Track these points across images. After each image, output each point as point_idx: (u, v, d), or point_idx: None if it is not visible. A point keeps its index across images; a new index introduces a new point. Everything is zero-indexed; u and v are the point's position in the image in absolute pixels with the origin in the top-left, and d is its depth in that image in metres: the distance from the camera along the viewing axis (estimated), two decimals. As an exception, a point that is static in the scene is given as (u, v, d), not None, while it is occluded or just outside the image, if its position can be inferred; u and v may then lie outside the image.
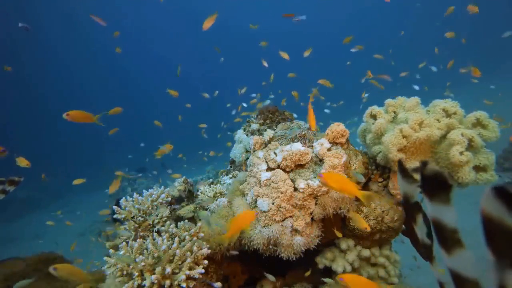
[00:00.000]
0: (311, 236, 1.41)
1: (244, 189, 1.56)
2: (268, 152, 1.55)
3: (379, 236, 1.55)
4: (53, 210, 10.54)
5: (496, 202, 0.31)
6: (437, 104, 1.52)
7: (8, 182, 1.31)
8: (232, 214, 1.48)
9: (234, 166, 2.09)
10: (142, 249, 1.27)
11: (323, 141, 1.52)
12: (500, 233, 0.32)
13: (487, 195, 0.31)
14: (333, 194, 1.38)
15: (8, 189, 1.31)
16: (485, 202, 0.32)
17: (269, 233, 1.36)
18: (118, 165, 9.66)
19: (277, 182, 1.40)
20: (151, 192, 1.63)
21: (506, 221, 0.31)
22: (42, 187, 10.88)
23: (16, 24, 3.80)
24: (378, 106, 1.67)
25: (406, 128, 1.42)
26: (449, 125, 1.44)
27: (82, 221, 8.27)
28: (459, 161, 1.33)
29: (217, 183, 1.86)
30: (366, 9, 26.95)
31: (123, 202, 1.55)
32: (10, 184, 1.31)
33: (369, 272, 1.57)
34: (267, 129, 1.87)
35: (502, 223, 0.31)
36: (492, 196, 0.31)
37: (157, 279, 1.15)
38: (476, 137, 1.36)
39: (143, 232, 1.48)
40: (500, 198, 0.31)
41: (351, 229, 1.56)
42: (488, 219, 0.32)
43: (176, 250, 1.23)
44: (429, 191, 0.40)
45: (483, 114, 1.43)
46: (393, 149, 1.42)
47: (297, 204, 1.39)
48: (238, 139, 2.00)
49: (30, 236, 8.03)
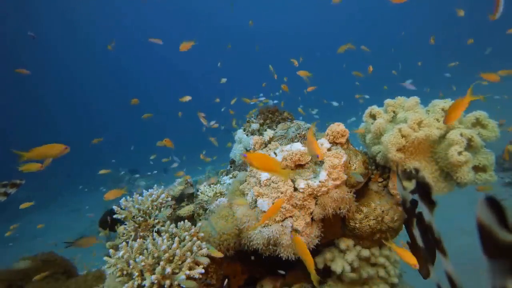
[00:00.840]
0: (311, 236, 1.41)
1: (244, 189, 1.57)
2: (268, 152, 1.56)
3: (379, 236, 1.55)
4: (53, 210, 10.55)
5: (488, 212, 0.32)
6: (437, 104, 1.52)
7: (10, 185, 1.32)
8: (232, 214, 1.48)
9: (234, 166, 2.09)
10: (142, 249, 1.27)
11: (323, 141, 1.52)
12: (492, 241, 0.32)
13: (481, 204, 0.32)
14: (333, 194, 1.38)
15: (10, 192, 1.32)
16: (480, 211, 0.33)
17: (269, 233, 1.36)
18: (118, 166, 9.66)
19: (277, 182, 1.41)
20: (151, 192, 1.63)
21: (495, 230, 0.32)
22: (42, 187, 10.88)
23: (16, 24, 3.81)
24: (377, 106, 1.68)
25: (405, 128, 1.42)
26: (448, 125, 1.44)
27: (82, 221, 8.27)
28: (457, 161, 1.33)
29: (217, 183, 1.86)
30: (367, 9, 26.95)
31: (123, 202, 1.55)
32: (12, 186, 1.32)
33: (369, 272, 1.57)
34: (267, 129, 1.88)
35: (492, 232, 0.32)
36: (484, 206, 0.32)
37: (157, 279, 1.15)
38: (476, 137, 1.36)
39: (143, 232, 1.49)
40: (490, 208, 0.32)
41: (351, 229, 1.56)
42: (482, 227, 0.33)
43: (176, 250, 1.23)
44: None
45: (482, 114, 1.43)
46: (392, 149, 1.42)
47: (297, 204, 1.39)
48: (238, 139, 2.00)
49: (30, 236, 8.03)
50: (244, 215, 1.45)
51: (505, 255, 0.33)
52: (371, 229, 1.51)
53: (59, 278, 1.66)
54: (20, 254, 1.82)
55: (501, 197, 4.21)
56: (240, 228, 1.44)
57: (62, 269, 1.71)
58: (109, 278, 1.27)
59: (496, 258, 0.34)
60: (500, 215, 0.32)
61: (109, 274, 1.25)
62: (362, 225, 1.51)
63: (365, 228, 1.51)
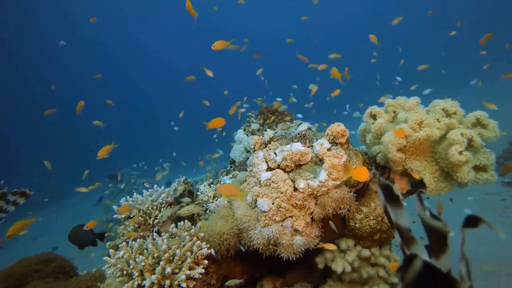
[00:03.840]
0: (311, 236, 1.41)
1: (244, 189, 1.56)
2: (268, 152, 1.55)
3: (379, 236, 1.55)
4: (53, 210, 10.54)
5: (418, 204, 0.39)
6: (437, 104, 1.52)
7: (20, 194, 1.32)
8: (232, 214, 1.48)
9: (234, 166, 2.09)
10: (142, 249, 1.27)
11: (323, 141, 1.52)
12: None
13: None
14: (333, 194, 1.38)
15: (19, 202, 1.33)
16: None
17: (269, 233, 1.36)
18: (118, 166, 9.64)
19: (277, 182, 1.40)
20: (151, 192, 1.63)
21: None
22: (42, 187, 10.88)
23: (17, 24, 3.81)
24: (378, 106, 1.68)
25: (405, 128, 1.42)
26: (448, 125, 1.44)
27: (82, 221, 8.26)
28: (458, 160, 1.33)
29: (217, 183, 1.86)
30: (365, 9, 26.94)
31: (123, 202, 1.55)
32: (21, 196, 1.32)
33: (369, 272, 1.57)
34: (267, 129, 1.87)
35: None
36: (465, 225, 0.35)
37: (157, 279, 1.15)
38: (476, 137, 1.36)
39: (143, 232, 1.48)
40: (470, 227, 0.35)
41: (351, 229, 1.56)
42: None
43: (176, 250, 1.23)
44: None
45: (483, 114, 1.43)
46: (392, 148, 1.42)
47: (297, 204, 1.39)
48: (238, 139, 2.00)
49: (30, 236, 8.02)
50: (244, 215, 1.45)
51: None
52: (371, 229, 1.51)
53: (58, 278, 1.66)
54: (20, 255, 1.82)
55: (501, 197, 4.21)
56: (240, 228, 1.43)
57: (62, 269, 1.71)
58: (109, 278, 1.27)
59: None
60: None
61: (109, 274, 1.25)
62: (362, 225, 1.51)
63: (365, 228, 1.51)
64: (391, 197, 0.45)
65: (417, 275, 0.41)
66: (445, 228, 0.40)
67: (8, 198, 1.37)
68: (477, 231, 0.36)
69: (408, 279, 0.42)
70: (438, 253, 0.40)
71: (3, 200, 1.41)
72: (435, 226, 0.40)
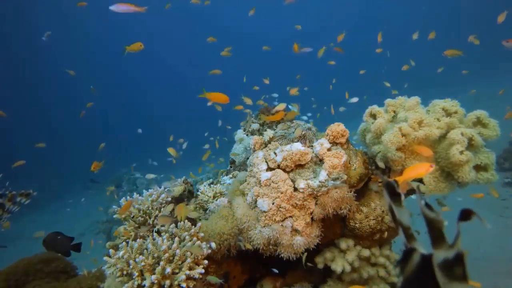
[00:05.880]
0: (311, 236, 1.40)
1: (244, 189, 1.56)
2: (268, 152, 1.55)
3: (379, 236, 1.55)
4: (53, 210, 10.55)
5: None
6: (437, 103, 1.52)
7: (22, 194, 1.34)
8: (232, 214, 1.48)
9: (234, 166, 2.09)
10: (142, 249, 1.27)
11: (323, 141, 1.52)
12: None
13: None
14: (333, 194, 1.38)
15: (22, 202, 1.34)
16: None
17: (269, 233, 1.36)
18: (118, 166, 9.64)
19: (277, 182, 1.40)
20: (151, 192, 1.63)
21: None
22: (42, 187, 10.88)
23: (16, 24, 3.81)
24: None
25: (405, 127, 1.42)
26: (449, 124, 1.44)
27: (82, 221, 8.27)
28: (459, 160, 1.33)
29: (217, 183, 1.86)
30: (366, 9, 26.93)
31: (122, 202, 1.55)
32: (23, 196, 1.34)
33: (369, 272, 1.57)
34: (267, 129, 1.87)
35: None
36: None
37: (157, 279, 1.15)
38: (476, 136, 1.36)
39: (143, 232, 1.48)
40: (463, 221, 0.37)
41: (351, 229, 1.55)
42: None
43: (176, 250, 1.23)
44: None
45: (483, 113, 1.43)
46: (392, 148, 1.42)
47: (297, 204, 1.39)
48: (238, 139, 2.00)
49: (30, 236, 8.02)
50: (244, 215, 1.45)
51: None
52: (371, 229, 1.51)
53: (59, 277, 1.66)
54: (20, 254, 1.82)
55: (502, 197, 4.21)
56: (240, 228, 1.43)
57: (62, 269, 1.71)
58: (109, 278, 1.27)
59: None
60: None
61: (109, 274, 1.25)
62: (362, 225, 1.51)
63: (365, 228, 1.51)
64: (395, 196, 0.46)
65: (415, 267, 0.43)
66: (438, 218, 0.41)
67: (16, 200, 1.40)
68: (477, 231, 0.36)
69: (407, 272, 0.43)
70: (437, 245, 0.41)
71: (11, 202, 1.45)
72: (430, 216, 0.41)
